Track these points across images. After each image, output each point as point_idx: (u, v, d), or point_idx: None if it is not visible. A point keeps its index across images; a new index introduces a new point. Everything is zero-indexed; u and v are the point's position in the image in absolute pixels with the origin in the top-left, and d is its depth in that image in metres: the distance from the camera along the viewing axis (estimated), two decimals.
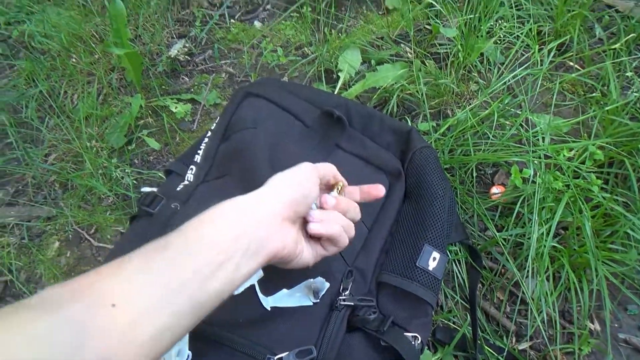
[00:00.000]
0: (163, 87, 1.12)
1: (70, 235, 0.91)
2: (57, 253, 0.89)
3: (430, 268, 0.65)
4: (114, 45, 0.95)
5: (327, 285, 0.63)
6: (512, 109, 0.92)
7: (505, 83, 0.92)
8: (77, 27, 1.15)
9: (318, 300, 0.61)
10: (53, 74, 1.10)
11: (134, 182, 0.96)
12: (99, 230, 0.91)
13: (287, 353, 0.56)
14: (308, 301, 0.61)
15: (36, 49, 1.18)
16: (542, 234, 0.72)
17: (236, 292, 0.60)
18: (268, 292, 0.61)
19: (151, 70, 1.13)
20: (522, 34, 1.00)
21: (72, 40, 1.13)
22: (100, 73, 1.09)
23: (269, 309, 0.60)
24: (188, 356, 0.51)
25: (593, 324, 0.74)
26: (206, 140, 0.81)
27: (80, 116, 0.99)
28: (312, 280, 0.62)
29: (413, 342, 0.61)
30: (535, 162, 0.79)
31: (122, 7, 0.96)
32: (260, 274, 0.61)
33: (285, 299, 0.61)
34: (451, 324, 0.75)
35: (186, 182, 0.76)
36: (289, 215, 0.47)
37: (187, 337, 0.52)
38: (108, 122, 1.04)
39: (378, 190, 0.60)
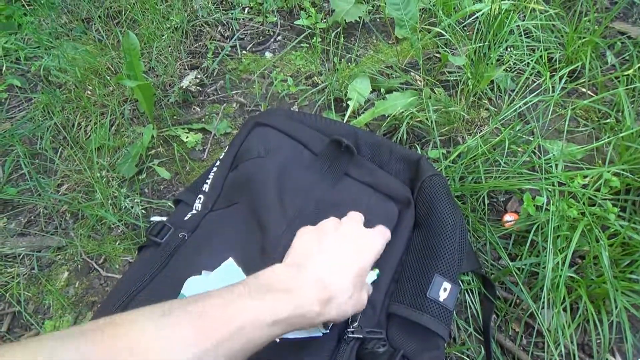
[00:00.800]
0: (175, 117, 1.14)
1: (79, 266, 0.91)
2: (65, 283, 0.89)
3: (441, 299, 0.63)
4: (126, 78, 0.97)
5: None
6: (524, 136, 0.91)
7: (516, 110, 0.92)
8: (92, 61, 1.18)
9: (328, 331, 0.60)
10: (68, 106, 1.13)
11: (143, 211, 0.96)
12: (108, 260, 0.91)
13: None
14: (318, 332, 0.60)
15: (52, 82, 1.21)
16: (558, 263, 0.69)
17: None
18: None
19: (163, 101, 1.15)
20: (532, 61, 1.00)
21: (87, 73, 1.16)
22: (113, 105, 1.11)
23: (278, 340, 0.58)
24: None
25: (614, 357, 0.71)
26: (214, 169, 0.81)
27: (92, 147, 1.00)
28: None
29: None
30: (549, 189, 0.77)
31: (136, 41, 0.99)
32: None
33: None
34: (465, 357, 0.72)
35: (194, 212, 0.76)
36: None
37: None
38: (120, 152, 1.05)
39: None
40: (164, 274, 0.67)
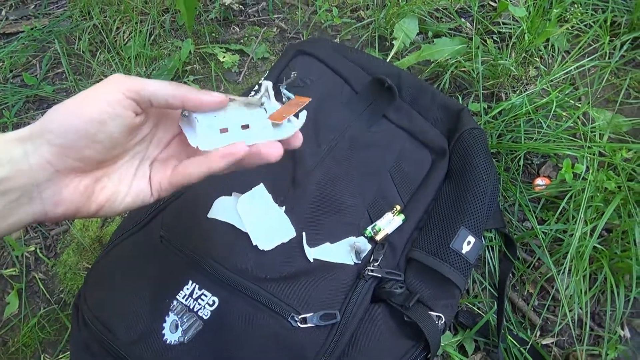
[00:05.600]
0: (213, 34, 1.11)
1: None
2: None
3: (464, 251, 0.64)
4: None
5: (370, 247, 0.63)
6: (571, 101, 0.87)
7: (569, 72, 0.88)
8: None
9: (359, 262, 0.62)
10: (108, 8, 1.10)
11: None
12: None
13: (311, 314, 0.57)
14: (350, 260, 0.62)
15: None
16: (586, 233, 0.69)
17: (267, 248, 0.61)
18: (311, 244, 0.62)
19: (203, 17, 1.12)
20: (595, 22, 0.94)
21: None
22: (153, 13, 1.08)
23: (312, 260, 0.60)
24: None
25: (623, 330, 0.72)
26: (252, 93, 0.80)
27: (130, 54, 0.99)
28: (354, 239, 0.63)
29: (437, 322, 0.61)
30: (589, 158, 0.75)
31: None
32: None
33: (328, 252, 0.62)
34: (475, 309, 0.74)
35: None
36: (63, 164, 0.35)
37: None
38: (156, 63, 1.04)
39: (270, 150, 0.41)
40: (192, 189, 0.68)
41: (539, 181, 0.82)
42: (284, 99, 0.56)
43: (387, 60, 1.00)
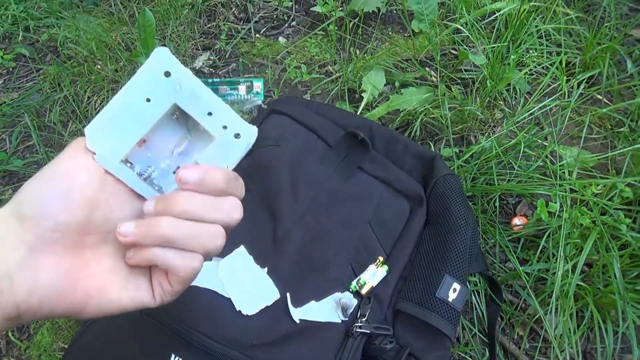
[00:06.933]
0: None
1: None
2: None
3: (450, 299, 0.63)
4: (142, 55, 0.96)
5: (356, 301, 0.62)
6: (538, 140, 0.90)
7: (532, 113, 0.91)
8: (104, 35, 1.16)
9: (347, 319, 0.61)
10: (79, 79, 1.11)
11: None
12: None
13: None
14: (337, 318, 0.61)
15: (63, 54, 1.19)
16: (567, 270, 0.70)
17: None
18: (296, 304, 0.61)
19: None
20: (551, 64, 0.99)
21: (100, 46, 1.14)
22: (124, 81, 1.09)
23: (298, 321, 0.59)
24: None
25: None
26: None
27: None
28: (340, 294, 0.62)
29: None
30: (561, 196, 0.77)
31: (151, 18, 0.97)
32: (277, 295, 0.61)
33: (314, 311, 0.60)
34: (468, 358, 0.72)
35: None
36: (37, 238, 0.31)
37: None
38: None
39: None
40: None
41: (517, 221, 0.83)
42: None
43: (358, 112, 1.03)
